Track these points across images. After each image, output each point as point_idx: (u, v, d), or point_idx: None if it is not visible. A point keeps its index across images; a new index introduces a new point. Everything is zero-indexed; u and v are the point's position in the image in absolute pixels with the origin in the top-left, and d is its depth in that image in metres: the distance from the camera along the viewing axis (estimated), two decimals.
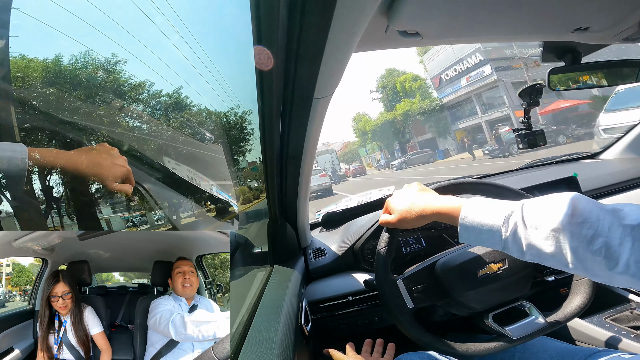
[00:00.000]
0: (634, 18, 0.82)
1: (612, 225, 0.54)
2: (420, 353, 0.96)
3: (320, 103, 0.72)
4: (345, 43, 0.57)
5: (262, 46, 0.49)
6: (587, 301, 0.89)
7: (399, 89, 34.84)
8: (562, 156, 1.98)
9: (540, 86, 1.26)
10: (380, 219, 0.93)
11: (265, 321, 0.78)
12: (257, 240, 1.38)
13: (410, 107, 32.17)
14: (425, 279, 0.95)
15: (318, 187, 17.99)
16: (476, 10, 0.71)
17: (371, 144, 42.61)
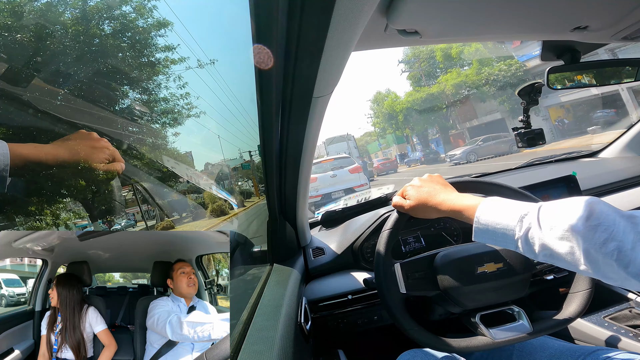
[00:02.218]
0: (633, 17, 0.83)
1: (626, 230, 0.54)
2: (424, 350, 0.96)
3: (320, 102, 0.72)
4: (344, 42, 0.57)
5: (262, 45, 0.49)
6: (578, 313, 0.89)
7: (439, 58, 25.12)
8: (562, 154, 1.98)
9: (539, 85, 1.26)
10: (393, 200, 0.95)
11: (265, 320, 0.78)
12: (257, 239, 1.39)
13: (466, 78, 22.18)
14: (423, 269, 0.96)
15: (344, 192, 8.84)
16: (475, 9, 0.71)
17: (392, 134, 32.57)
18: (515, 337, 0.87)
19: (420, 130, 28.11)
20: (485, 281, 0.91)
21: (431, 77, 26.52)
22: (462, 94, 23.27)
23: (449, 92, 23.62)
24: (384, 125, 31.59)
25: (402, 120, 28.08)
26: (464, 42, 1.28)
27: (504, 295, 0.93)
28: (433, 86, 25.05)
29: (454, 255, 0.95)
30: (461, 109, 24.86)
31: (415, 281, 0.94)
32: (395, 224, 0.96)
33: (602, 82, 1.19)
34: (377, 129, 34.83)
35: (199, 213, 3.97)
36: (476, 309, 0.93)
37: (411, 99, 26.10)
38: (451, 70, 23.98)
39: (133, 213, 3.06)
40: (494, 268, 0.92)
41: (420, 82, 26.71)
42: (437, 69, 26.23)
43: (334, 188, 9.03)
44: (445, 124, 26.55)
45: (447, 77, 23.40)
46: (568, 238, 0.58)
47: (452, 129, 26.82)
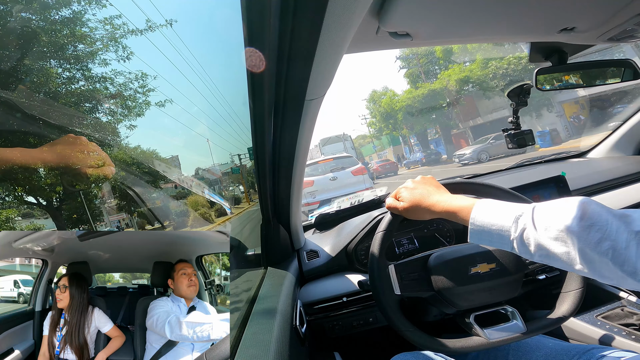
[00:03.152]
0: (618, 19, 0.84)
1: (619, 229, 0.55)
2: (416, 353, 0.96)
3: (312, 104, 0.72)
4: (336, 44, 0.58)
5: (254, 48, 0.49)
6: (571, 313, 0.90)
7: (438, 54, 24.27)
8: (551, 155, 2.01)
9: (528, 86, 1.28)
10: (386, 202, 0.95)
11: (260, 323, 0.78)
12: (250, 242, 1.38)
13: (470, 74, 20.69)
14: (417, 270, 0.97)
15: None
16: (464, 11, 0.72)
17: (388, 135, 31.01)
18: (509, 337, 0.87)
19: (419, 129, 26.92)
20: (478, 281, 0.91)
21: (430, 74, 25.55)
22: (467, 90, 22.05)
23: (452, 88, 22.27)
24: (381, 126, 30.13)
25: (401, 119, 26.84)
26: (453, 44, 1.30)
27: (497, 296, 0.94)
28: (435, 82, 23.79)
29: (448, 256, 0.95)
30: (464, 107, 23.55)
31: (410, 282, 0.95)
32: (388, 225, 0.96)
33: (589, 82, 1.21)
34: (372, 129, 33.32)
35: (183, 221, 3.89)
36: (470, 310, 0.94)
37: (411, 96, 24.73)
38: (452, 65, 22.97)
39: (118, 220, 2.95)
40: (487, 268, 0.92)
41: (419, 79, 25.61)
42: (436, 65, 25.41)
43: (335, 193, 7.57)
44: (447, 123, 25.33)
45: (450, 73, 22.27)
46: (563, 238, 0.59)
47: (454, 127, 25.77)
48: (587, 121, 17.77)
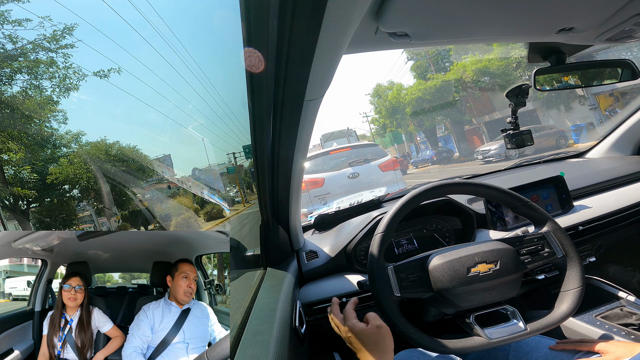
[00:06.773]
0: (616, 19, 0.85)
1: None
2: (419, 350, 0.96)
3: (311, 105, 0.72)
4: (335, 45, 0.58)
5: (253, 48, 0.49)
6: (571, 312, 0.90)
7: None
8: (549, 155, 2.01)
9: (527, 87, 1.28)
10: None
11: (260, 324, 0.78)
12: (250, 243, 1.38)
13: (488, 64, 18.67)
14: (416, 271, 0.96)
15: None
16: (463, 12, 0.73)
17: (391, 132, 27.33)
18: (510, 337, 0.87)
19: (428, 126, 23.81)
20: (478, 282, 0.91)
21: (439, 66, 23.07)
22: (485, 81, 19.49)
23: (468, 79, 19.86)
24: (385, 122, 27.07)
25: (410, 114, 23.28)
26: (452, 44, 1.29)
27: (497, 295, 0.94)
28: (448, 73, 21.37)
29: (447, 257, 0.95)
30: (478, 101, 20.96)
31: (409, 283, 0.94)
32: (387, 226, 0.96)
33: (587, 82, 1.22)
34: (375, 126, 30.08)
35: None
36: (470, 310, 0.94)
37: (422, 87, 21.76)
38: (466, 56, 20.58)
39: None
40: (486, 268, 0.92)
41: (428, 71, 23.06)
42: (445, 58, 22.99)
43: (356, 197, 3.20)
44: (461, 118, 22.38)
45: (465, 63, 19.99)
46: None
47: (466, 123, 22.86)
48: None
